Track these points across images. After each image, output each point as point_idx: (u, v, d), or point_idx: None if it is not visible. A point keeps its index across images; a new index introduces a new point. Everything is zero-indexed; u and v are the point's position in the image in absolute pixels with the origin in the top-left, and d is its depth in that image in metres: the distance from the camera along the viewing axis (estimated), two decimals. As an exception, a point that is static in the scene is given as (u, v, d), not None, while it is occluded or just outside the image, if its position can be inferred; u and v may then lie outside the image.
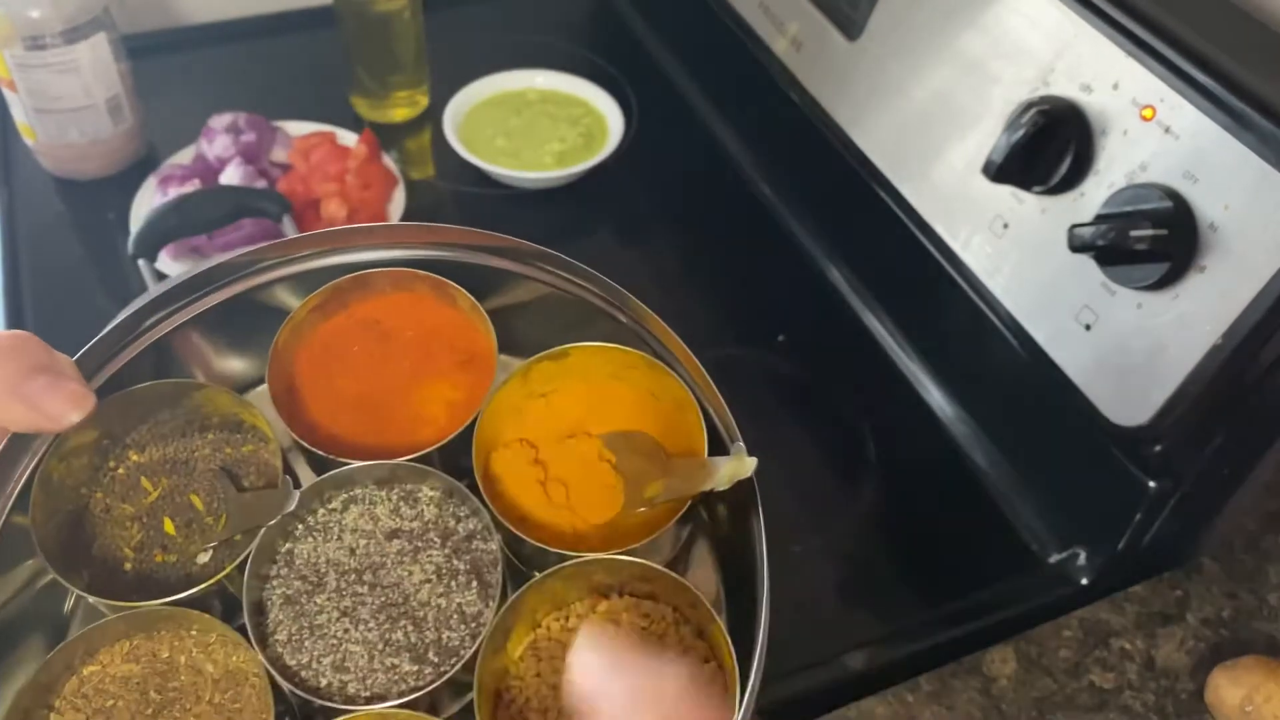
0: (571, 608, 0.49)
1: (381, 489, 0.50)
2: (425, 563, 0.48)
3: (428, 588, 0.48)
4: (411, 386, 0.53)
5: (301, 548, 0.49)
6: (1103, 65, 0.60)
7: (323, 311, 0.53)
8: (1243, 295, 0.54)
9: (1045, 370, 0.65)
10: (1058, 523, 0.72)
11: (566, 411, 0.52)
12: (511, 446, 0.52)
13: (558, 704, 0.47)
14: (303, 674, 0.46)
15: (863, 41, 0.77)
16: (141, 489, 0.50)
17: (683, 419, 0.51)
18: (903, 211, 0.74)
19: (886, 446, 0.77)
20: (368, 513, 0.50)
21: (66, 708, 0.46)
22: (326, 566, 0.48)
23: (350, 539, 0.49)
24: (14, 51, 0.82)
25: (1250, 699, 0.58)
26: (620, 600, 0.49)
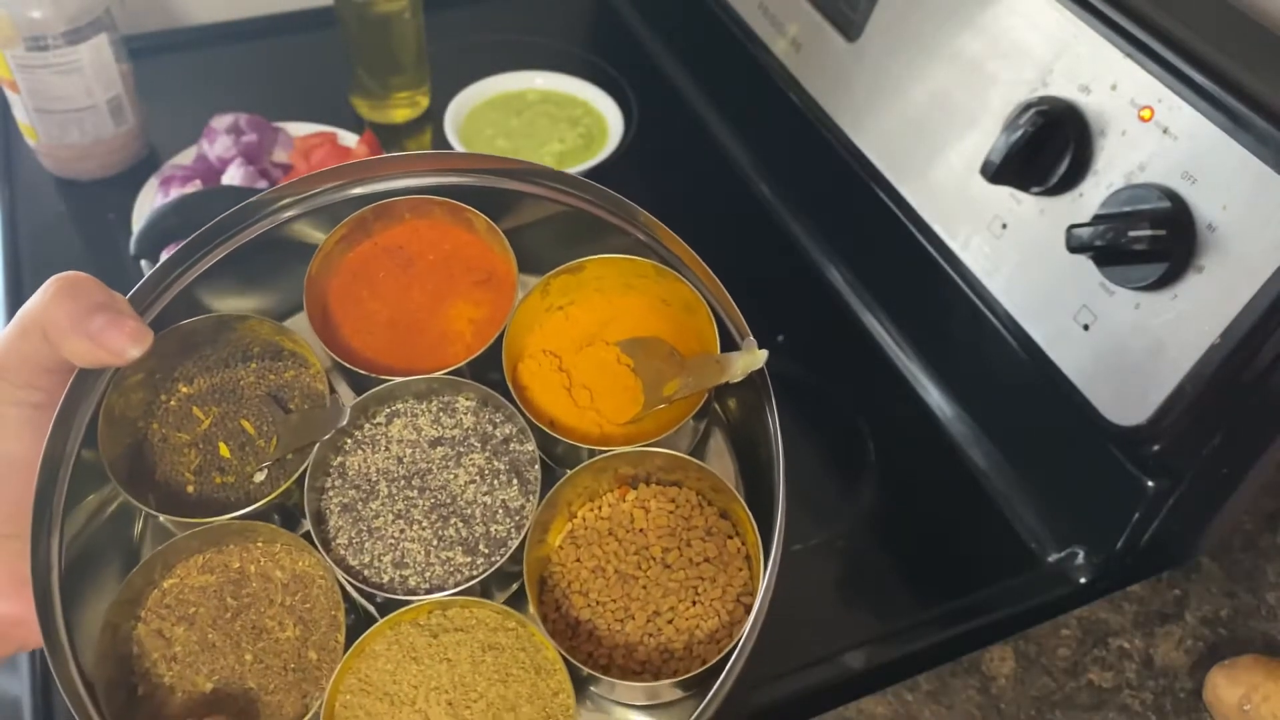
0: (603, 498, 0.53)
1: (421, 402, 0.53)
2: (468, 465, 0.52)
3: (473, 488, 0.51)
4: (437, 306, 0.56)
5: (352, 460, 0.52)
6: (1101, 66, 0.60)
7: (349, 241, 0.55)
8: (1241, 295, 0.54)
9: (1044, 370, 0.65)
10: (1056, 522, 0.72)
11: (584, 322, 0.56)
12: (536, 357, 0.55)
13: (595, 585, 0.51)
14: (365, 572, 0.50)
15: (862, 42, 0.77)
16: (194, 418, 0.53)
17: (694, 321, 0.55)
18: (902, 212, 0.75)
19: (886, 446, 0.77)
20: (410, 424, 0.53)
21: (152, 618, 0.50)
22: (377, 475, 0.52)
23: (397, 449, 0.52)
24: (16, 52, 0.82)
25: (1248, 698, 0.58)
26: (648, 489, 0.53)
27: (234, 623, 0.50)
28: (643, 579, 0.52)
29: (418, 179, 0.55)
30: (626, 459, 0.52)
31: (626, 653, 0.50)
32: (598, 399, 0.55)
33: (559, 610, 0.52)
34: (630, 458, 0.52)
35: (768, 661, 0.65)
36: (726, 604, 0.52)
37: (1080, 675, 0.62)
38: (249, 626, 0.50)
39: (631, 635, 0.51)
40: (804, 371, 0.82)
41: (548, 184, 0.55)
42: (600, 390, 0.55)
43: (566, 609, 0.52)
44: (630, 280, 0.55)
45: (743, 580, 0.52)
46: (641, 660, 0.50)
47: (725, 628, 0.51)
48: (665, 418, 0.53)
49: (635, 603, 0.51)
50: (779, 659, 0.65)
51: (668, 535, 0.52)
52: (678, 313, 0.56)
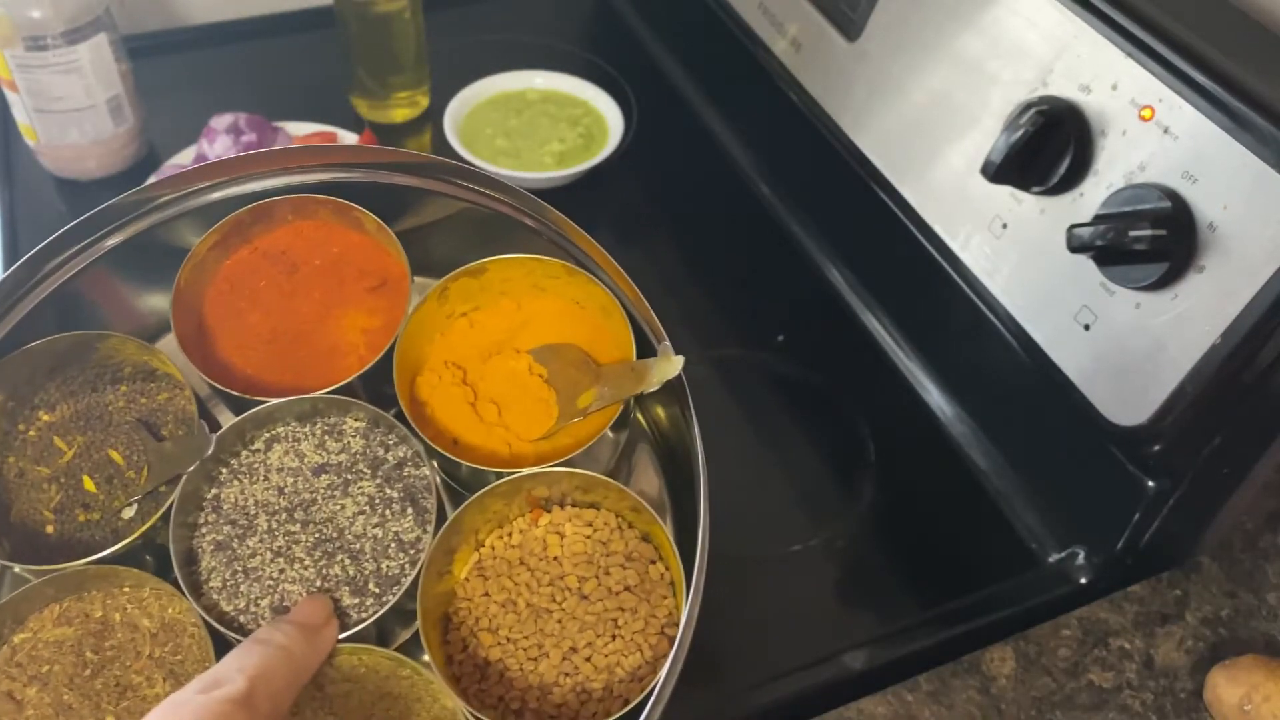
0: (514, 524, 0.48)
1: (304, 424, 0.48)
2: (357, 495, 0.47)
3: (362, 519, 0.46)
4: (325, 317, 0.51)
5: (228, 492, 0.47)
6: (1101, 66, 0.60)
7: (224, 247, 0.50)
8: (1241, 295, 0.54)
9: (1044, 370, 0.65)
10: (1057, 522, 0.72)
11: (491, 329, 0.51)
12: (436, 370, 0.50)
13: (506, 621, 0.47)
14: (241, 619, 0.45)
15: (862, 42, 0.77)
16: (56, 449, 0.48)
17: (610, 325, 0.51)
18: (902, 212, 0.75)
19: (886, 446, 0.77)
20: (292, 450, 0.48)
21: (1, 678, 0.44)
22: (256, 508, 0.46)
23: (277, 478, 0.47)
24: (15, 52, 0.82)
25: (1249, 698, 0.58)
26: (563, 512, 0.49)
27: (94, 680, 0.44)
28: (557, 612, 0.47)
29: (301, 175, 0.49)
30: (539, 480, 0.47)
31: (540, 695, 0.46)
32: (506, 414, 0.50)
33: (465, 650, 0.47)
34: (543, 478, 0.47)
35: (767, 662, 0.65)
36: (649, 637, 0.47)
37: (1081, 675, 0.62)
38: (111, 684, 0.44)
39: (546, 675, 0.46)
40: (804, 371, 0.81)
41: (446, 179, 0.50)
42: (510, 404, 0.50)
43: (474, 648, 0.47)
44: (540, 282, 0.51)
45: (667, 610, 0.48)
46: (557, 704, 0.46)
47: (649, 663, 0.47)
48: (581, 432, 0.49)
49: (549, 639, 0.46)
50: (779, 659, 0.65)
51: (584, 563, 0.47)
52: (593, 315, 0.51)
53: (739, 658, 0.66)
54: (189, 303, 0.50)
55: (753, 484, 0.75)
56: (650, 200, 0.97)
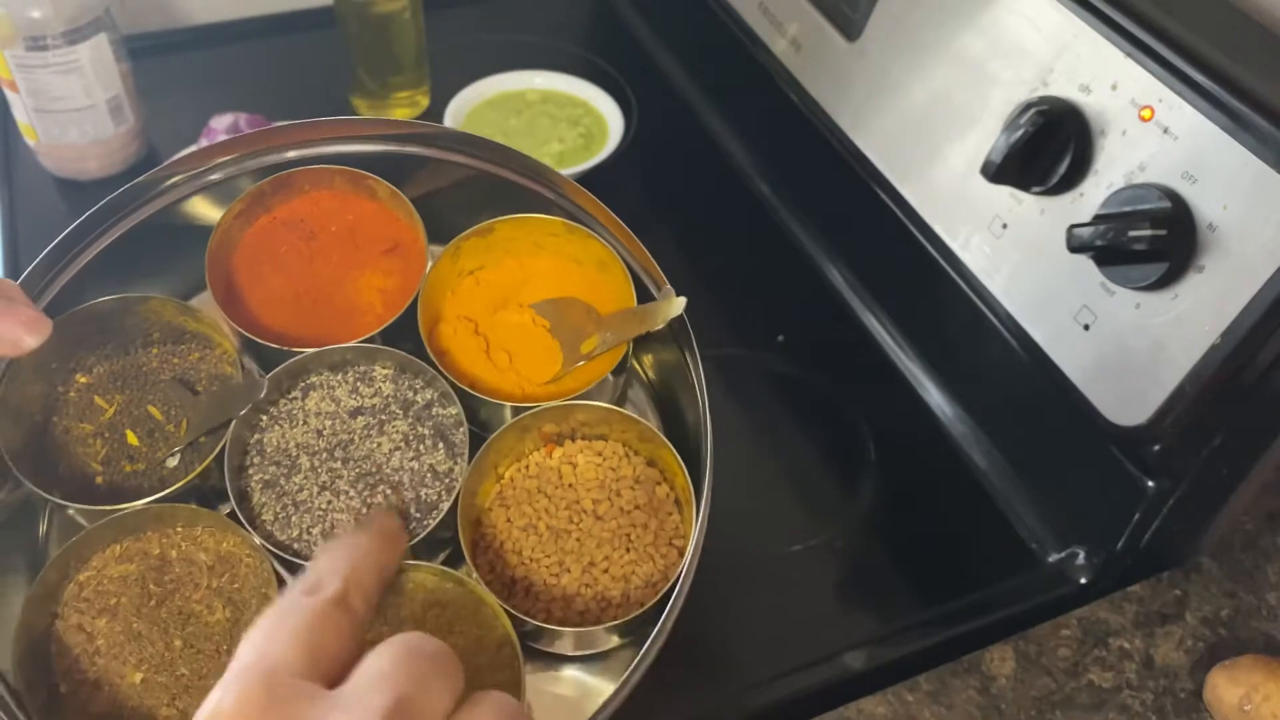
0: (530, 457, 0.53)
1: (337, 373, 0.52)
2: (391, 433, 0.50)
3: (398, 455, 0.50)
4: (344, 278, 0.55)
5: (270, 437, 0.50)
6: (1101, 66, 0.60)
7: (247, 216, 0.54)
8: (1241, 295, 0.54)
9: (1044, 370, 0.65)
10: (1057, 522, 0.72)
11: (497, 285, 0.55)
12: (452, 322, 0.54)
13: (528, 543, 0.51)
14: (295, 546, 0.48)
15: (862, 42, 0.77)
16: (97, 407, 0.51)
17: (608, 278, 0.55)
18: (902, 211, 0.75)
19: (886, 446, 0.77)
20: (328, 396, 0.51)
21: (71, 613, 0.47)
22: (297, 450, 0.50)
23: (315, 422, 0.50)
24: (15, 52, 0.82)
25: (1249, 698, 0.58)
26: (574, 444, 0.53)
27: (159, 610, 0.47)
28: (575, 532, 0.52)
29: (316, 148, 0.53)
30: (550, 415, 0.52)
31: (565, 604, 0.51)
32: (517, 361, 0.54)
33: (494, 571, 0.51)
34: (554, 414, 0.52)
35: (767, 662, 0.65)
36: (660, 548, 0.52)
37: (1080, 675, 0.62)
38: (175, 612, 0.47)
39: (568, 587, 0.51)
40: (804, 371, 0.82)
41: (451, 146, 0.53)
42: (519, 352, 0.54)
43: (501, 569, 0.51)
44: (541, 240, 0.54)
45: (674, 524, 0.53)
46: (580, 611, 0.51)
47: (660, 572, 0.52)
48: (586, 374, 0.53)
49: (569, 556, 0.51)
50: (779, 659, 0.65)
51: (596, 488, 0.52)
52: (591, 271, 0.55)
53: (739, 658, 0.66)
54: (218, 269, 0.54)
55: (752, 484, 0.75)
56: (650, 200, 0.97)
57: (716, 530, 0.71)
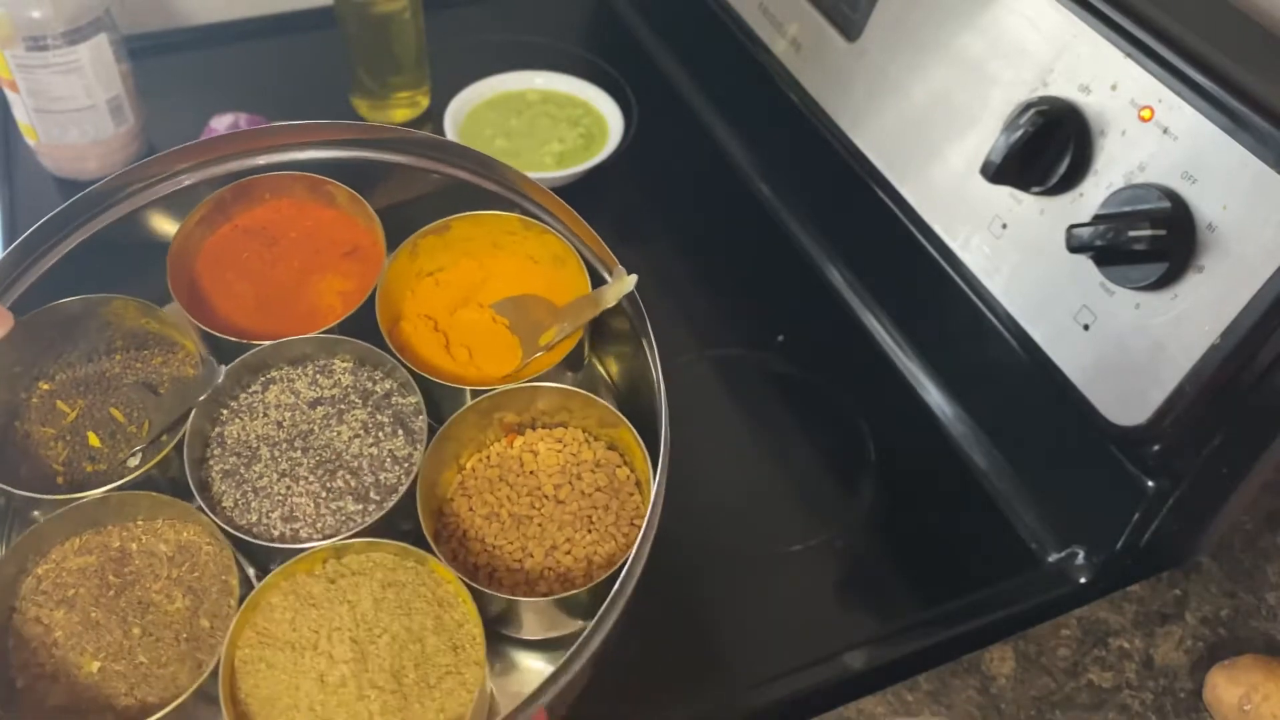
0: (491, 448, 0.54)
1: (297, 367, 0.52)
2: (351, 421, 0.51)
3: (357, 441, 0.50)
4: (303, 282, 0.56)
5: (230, 429, 0.51)
6: (1101, 66, 0.60)
7: (208, 223, 0.55)
8: (1241, 295, 0.54)
9: (1044, 370, 0.65)
10: (1056, 522, 0.72)
11: (456, 286, 0.56)
12: (411, 320, 0.55)
13: (490, 531, 0.52)
14: (254, 530, 0.48)
15: (862, 42, 0.77)
16: (59, 411, 0.52)
17: (564, 273, 0.56)
18: (902, 212, 0.75)
19: (886, 446, 0.77)
20: (288, 389, 0.52)
21: (28, 605, 0.47)
22: (257, 441, 0.50)
23: (275, 414, 0.51)
24: (15, 52, 0.82)
25: (1248, 698, 0.59)
26: (534, 433, 0.54)
27: (118, 600, 0.47)
28: (537, 517, 0.52)
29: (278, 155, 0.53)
30: (510, 403, 0.52)
31: (528, 588, 0.51)
32: (477, 356, 0.55)
33: (456, 559, 0.52)
34: (514, 402, 0.52)
35: (767, 661, 0.65)
36: (621, 528, 0.53)
37: (1080, 675, 0.62)
38: (135, 602, 0.47)
39: (531, 571, 0.51)
40: (804, 371, 0.82)
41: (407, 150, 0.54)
42: (479, 348, 0.55)
43: (464, 557, 0.52)
44: (498, 239, 0.56)
45: (635, 505, 0.53)
46: (543, 593, 0.51)
47: (621, 550, 0.52)
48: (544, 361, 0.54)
49: (532, 540, 0.52)
50: (779, 659, 0.65)
51: (558, 473, 0.53)
52: (547, 268, 0.56)
53: (739, 658, 0.66)
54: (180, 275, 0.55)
55: (753, 484, 0.75)
56: (650, 200, 0.97)
57: (717, 529, 0.71)
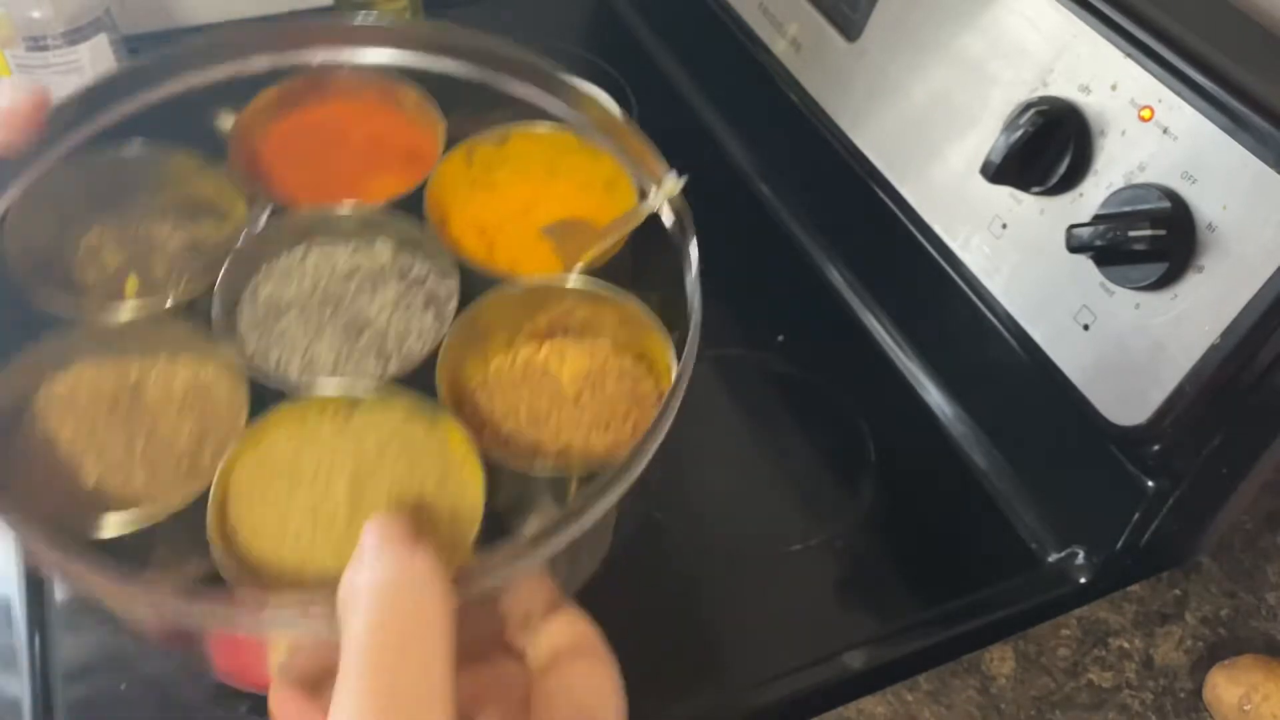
0: (519, 351, 0.52)
1: (338, 241, 0.52)
2: (384, 294, 0.50)
3: (387, 312, 0.49)
4: (361, 180, 0.55)
5: (264, 288, 0.50)
6: (1101, 66, 0.60)
7: (274, 112, 0.54)
8: (1241, 295, 0.54)
9: (1044, 370, 0.65)
10: (1056, 522, 0.72)
11: (506, 201, 0.55)
12: (458, 225, 0.54)
13: (506, 427, 0.50)
14: (273, 374, 0.48)
15: (862, 42, 0.77)
16: (101, 262, 0.52)
17: (614, 198, 0.55)
18: (902, 212, 0.75)
19: (886, 446, 0.77)
20: (327, 259, 0.51)
21: (41, 409, 0.47)
22: (289, 302, 0.50)
23: (310, 279, 0.51)
24: (15, 52, 0.82)
25: (1249, 698, 0.59)
26: (564, 339, 0.53)
27: (127, 421, 0.47)
28: (555, 418, 0.51)
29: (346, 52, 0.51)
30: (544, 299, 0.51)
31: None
32: (519, 265, 0.54)
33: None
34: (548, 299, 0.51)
35: (767, 661, 0.65)
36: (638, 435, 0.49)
37: (1080, 675, 0.62)
38: (143, 427, 0.47)
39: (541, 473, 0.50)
40: (804, 371, 0.82)
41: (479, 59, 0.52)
42: (522, 259, 0.55)
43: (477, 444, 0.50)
44: (553, 160, 0.55)
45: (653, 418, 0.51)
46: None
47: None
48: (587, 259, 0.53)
49: (547, 439, 0.50)
50: (779, 659, 0.65)
51: (581, 378, 0.52)
52: (598, 194, 0.56)
53: (739, 658, 0.66)
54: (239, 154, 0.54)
55: (752, 484, 0.75)
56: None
57: (717, 530, 0.71)
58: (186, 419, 0.47)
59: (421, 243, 0.50)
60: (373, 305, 0.49)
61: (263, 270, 0.51)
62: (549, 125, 0.53)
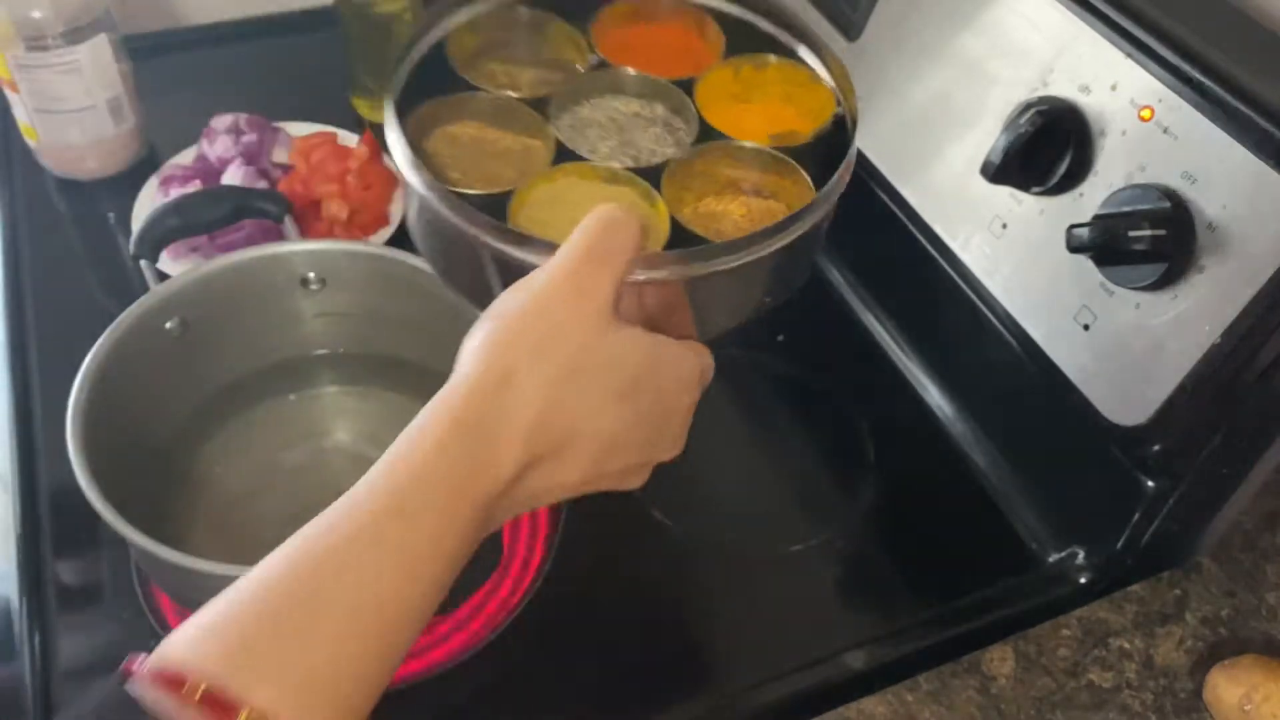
0: (706, 200, 0.58)
1: (633, 94, 0.62)
2: (651, 130, 0.60)
3: (648, 140, 0.60)
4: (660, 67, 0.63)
5: (582, 110, 0.60)
6: (1101, 66, 0.60)
7: (618, 17, 0.64)
8: (1241, 295, 0.54)
9: (1044, 370, 0.65)
10: (1056, 522, 0.72)
11: (750, 108, 0.62)
12: (710, 109, 0.61)
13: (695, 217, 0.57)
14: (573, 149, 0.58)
15: (862, 42, 0.77)
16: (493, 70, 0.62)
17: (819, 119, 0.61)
18: (902, 212, 0.75)
19: (886, 446, 0.77)
20: (624, 102, 0.62)
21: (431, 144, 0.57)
22: (594, 121, 0.60)
23: (608, 111, 0.61)
24: (15, 52, 0.82)
25: (1249, 698, 0.59)
26: (751, 197, 0.59)
27: (479, 154, 0.58)
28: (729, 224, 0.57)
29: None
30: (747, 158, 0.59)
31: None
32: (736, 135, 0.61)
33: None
34: (752, 160, 0.59)
35: (767, 661, 0.65)
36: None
37: (1080, 675, 0.62)
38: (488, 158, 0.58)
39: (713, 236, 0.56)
40: (804, 371, 0.82)
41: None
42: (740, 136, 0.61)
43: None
44: (791, 91, 0.62)
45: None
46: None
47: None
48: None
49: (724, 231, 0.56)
50: (779, 659, 0.65)
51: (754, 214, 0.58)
52: (812, 119, 0.61)
53: (739, 658, 0.66)
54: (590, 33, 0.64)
55: (752, 484, 0.75)
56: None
57: (717, 529, 0.71)
58: (512, 161, 0.58)
59: (682, 108, 0.60)
60: (642, 135, 0.59)
61: (584, 100, 0.60)
62: (791, 61, 0.62)
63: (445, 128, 0.58)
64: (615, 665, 0.65)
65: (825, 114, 0.60)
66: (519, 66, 0.62)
